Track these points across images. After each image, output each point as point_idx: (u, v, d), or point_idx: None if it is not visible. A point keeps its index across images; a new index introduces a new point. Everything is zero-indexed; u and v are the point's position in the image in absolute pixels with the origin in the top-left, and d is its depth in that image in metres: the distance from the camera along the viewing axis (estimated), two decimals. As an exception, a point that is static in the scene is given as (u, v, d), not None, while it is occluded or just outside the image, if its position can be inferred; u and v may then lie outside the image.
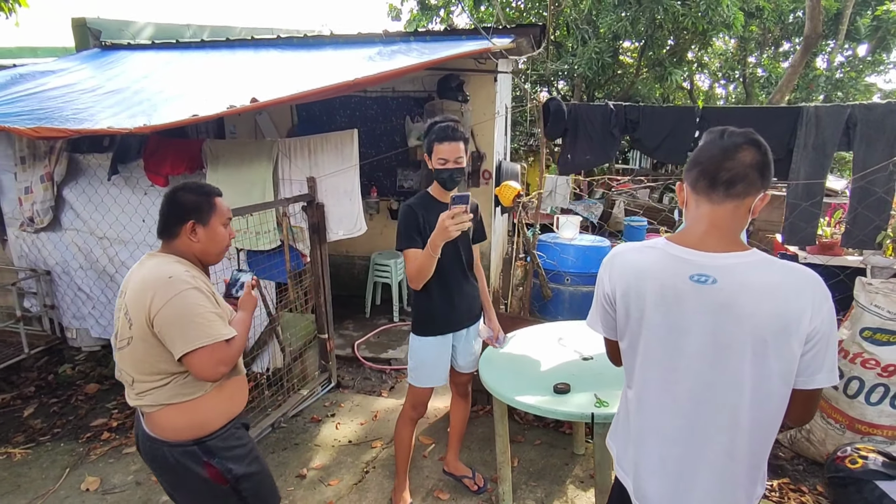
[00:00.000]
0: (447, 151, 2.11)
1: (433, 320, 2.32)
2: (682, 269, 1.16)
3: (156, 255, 1.64)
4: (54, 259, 4.24)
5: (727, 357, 1.12)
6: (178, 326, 1.49)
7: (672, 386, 1.19)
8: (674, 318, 1.17)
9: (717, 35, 10.53)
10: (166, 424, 1.59)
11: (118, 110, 3.57)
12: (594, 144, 3.04)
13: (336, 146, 3.58)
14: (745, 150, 1.14)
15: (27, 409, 3.69)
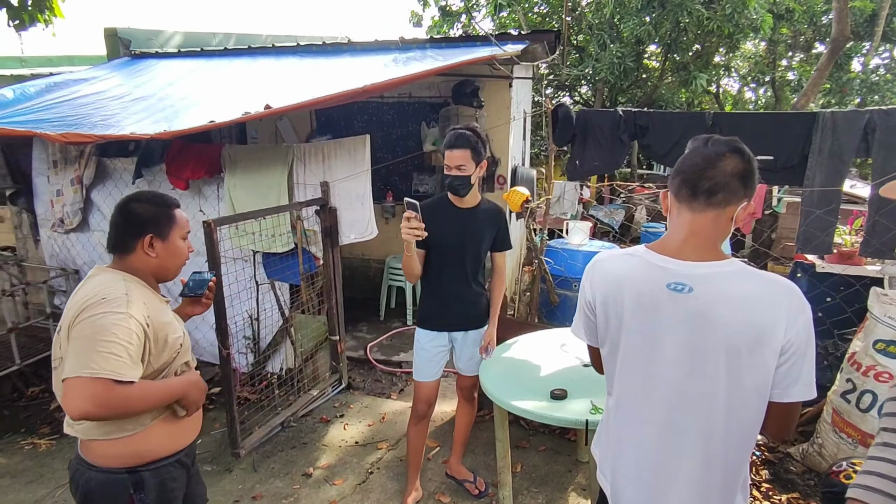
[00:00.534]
0: (450, 158, 2.20)
1: (429, 315, 2.44)
2: (660, 277, 1.17)
3: (104, 271, 1.50)
4: (82, 259, 4.42)
5: (702, 366, 1.12)
6: (78, 348, 1.30)
7: (648, 393, 1.19)
8: (650, 325, 1.17)
9: (745, 38, 10.31)
10: (99, 451, 1.45)
11: (143, 116, 3.72)
12: (603, 151, 3.03)
13: (349, 152, 3.65)
14: (728, 158, 1.14)
15: (53, 403, 3.85)
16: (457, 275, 2.36)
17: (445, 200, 2.35)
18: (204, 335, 3.95)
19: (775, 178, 3.09)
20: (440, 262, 2.31)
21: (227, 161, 3.79)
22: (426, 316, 2.45)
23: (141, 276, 1.51)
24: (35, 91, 4.17)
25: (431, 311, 2.43)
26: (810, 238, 2.83)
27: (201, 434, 3.31)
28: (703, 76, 9.90)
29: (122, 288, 1.41)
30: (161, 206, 1.56)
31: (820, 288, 3.01)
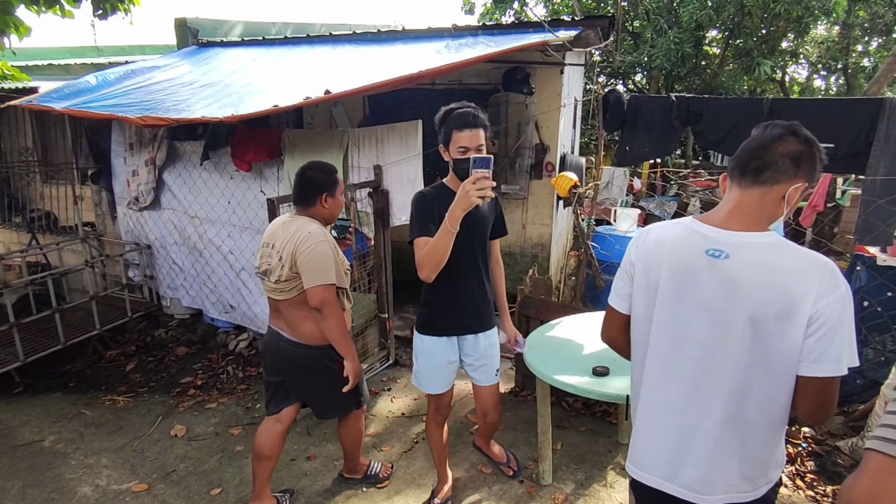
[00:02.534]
0: (468, 139, 1.96)
1: (436, 318, 2.16)
2: (700, 243, 1.22)
3: (297, 218, 2.22)
4: (154, 235, 4.78)
5: (731, 330, 1.16)
6: (310, 267, 2.08)
7: (677, 354, 1.24)
8: (686, 288, 1.22)
9: (815, 22, 9.73)
10: (311, 334, 2.21)
11: (210, 102, 3.97)
12: (653, 136, 3.01)
13: (401, 136, 3.78)
14: (783, 140, 1.18)
15: (129, 365, 4.22)
16: (470, 269, 2.13)
17: (447, 188, 2.08)
18: (262, 308, 4.21)
19: (837, 167, 2.99)
20: (453, 256, 1.91)
21: (287, 145, 4.00)
22: (434, 319, 2.16)
23: (319, 220, 2.23)
24: (115, 78, 4.52)
25: (440, 313, 2.15)
26: (870, 228, 2.74)
27: (261, 399, 3.57)
28: (767, 63, 9.44)
29: (318, 228, 2.17)
30: (329, 172, 2.28)
31: (879, 280, 2.91)
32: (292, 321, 2.22)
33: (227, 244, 4.37)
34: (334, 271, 2.12)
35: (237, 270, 4.37)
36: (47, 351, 3.90)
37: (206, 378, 3.93)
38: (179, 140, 4.44)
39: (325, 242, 2.12)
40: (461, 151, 1.96)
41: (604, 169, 3.37)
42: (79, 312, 4.45)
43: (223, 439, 3.12)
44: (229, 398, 3.62)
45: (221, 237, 4.38)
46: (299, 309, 2.19)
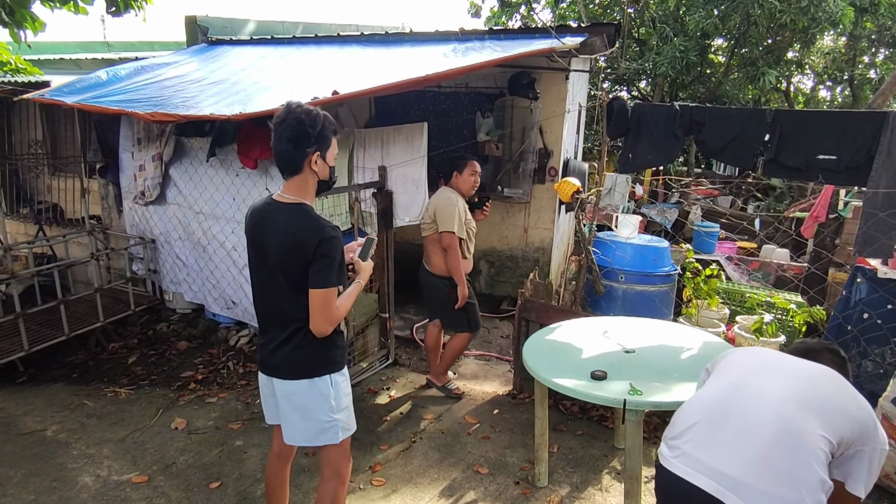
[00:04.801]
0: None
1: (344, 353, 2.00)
2: None
3: (446, 189, 3.35)
4: (159, 229, 4.82)
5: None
6: (445, 218, 3.15)
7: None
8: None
9: (822, 33, 9.73)
10: (436, 264, 3.28)
11: (218, 99, 4.01)
12: (656, 144, 3.04)
13: (407, 138, 3.82)
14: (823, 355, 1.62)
15: (131, 357, 4.26)
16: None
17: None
18: (264, 305, 4.24)
19: (838, 179, 3.02)
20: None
21: (293, 143, 4.04)
22: (343, 354, 1.96)
23: (455, 190, 3.34)
24: (125, 73, 4.57)
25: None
26: (871, 240, 2.76)
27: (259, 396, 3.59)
28: (772, 72, 9.45)
29: (454, 195, 3.30)
30: (461, 158, 3.36)
31: (879, 293, 2.93)
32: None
33: (231, 240, 4.40)
34: (457, 222, 3.18)
35: (240, 267, 4.40)
36: (52, 341, 3.94)
37: (206, 373, 3.96)
38: (187, 136, 4.48)
39: (460, 204, 3.24)
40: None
41: (606, 175, 3.39)
42: (83, 304, 4.49)
43: (223, 433, 3.15)
44: (229, 393, 3.65)
45: (225, 233, 4.42)
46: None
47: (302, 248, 1.75)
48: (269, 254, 1.83)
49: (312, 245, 1.73)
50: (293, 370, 1.84)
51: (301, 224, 1.78)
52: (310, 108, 1.85)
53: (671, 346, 2.42)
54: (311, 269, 1.75)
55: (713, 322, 3.30)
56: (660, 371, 2.15)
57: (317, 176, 1.86)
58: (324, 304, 1.75)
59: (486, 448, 3.00)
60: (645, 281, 3.20)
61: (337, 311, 1.79)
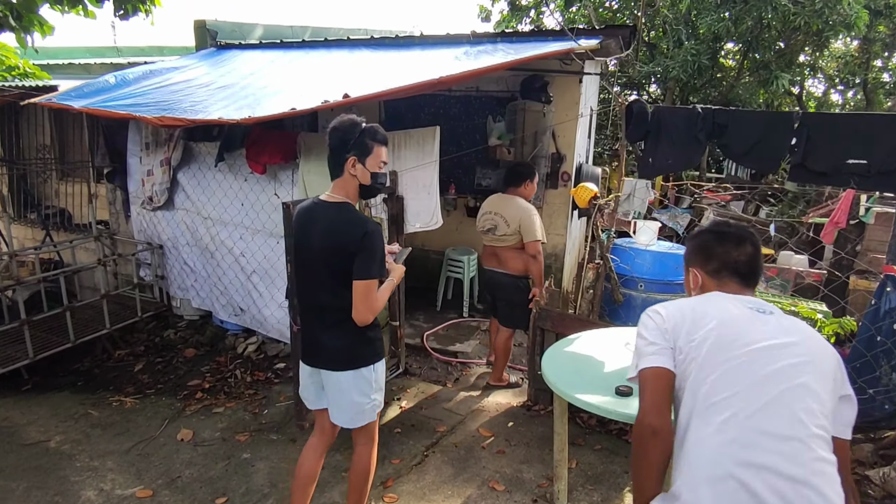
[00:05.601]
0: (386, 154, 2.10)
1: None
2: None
3: (514, 198, 3.36)
4: (166, 235, 4.76)
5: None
6: (531, 229, 3.25)
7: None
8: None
9: (836, 36, 9.60)
10: (514, 267, 3.38)
11: (227, 103, 3.95)
12: (677, 148, 2.94)
13: (418, 142, 3.73)
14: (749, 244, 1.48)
15: (137, 365, 4.19)
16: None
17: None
18: (272, 312, 4.16)
19: (868, 184, 2.90)
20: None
21: (302, 148, 3.97)
22: (382, 344, 2.20)
23: (521, 196, 3.49)
24: (133, 77, 4.52)
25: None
26: (905, 249, 2.64)
27: (269, 405, 3.51)
28: (785, 76, 9.32)
29: (529, 205, 3.38)
30: (526, 167, 3.64)
31: (912, 303, 2.80)
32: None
33: (240, 246, 4.33)
34: (539, 230, 3.33)
35: (248, 273, 4.34)
36: (57, 349, 3.88)
37: (213, 381, 3.89)
38: (195, 141, 4.43)
39: (535, 211, 3.40)
40: (380, 166, 2.08)
41: (625, 180, 3.30)
42: (89, 311, 4.43)
43: (230, 445, 3.07)
44: (237, 403, 3.57)
45: (234, 239, 4.35)
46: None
47: (346, 242, 1.91)
48: (313, 249, 1.99)
49: (356, 239, 1.90)
50: (342, 362, 2.04)
51: (345, 220, 1.95)
52: (354, 118, 2.02)
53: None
54: (356, 262, 1.90)
55: (736, 332, 3.18)
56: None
57: (357, 180, 2.01)
58: (366, 293, 1.92)
59: (501, 463, 2.89)
60: (665, 289, 3.09)
61: (377, 301, 1.97)
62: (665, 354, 1.30)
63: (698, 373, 1.26)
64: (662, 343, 1.31)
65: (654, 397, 1.28)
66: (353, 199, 2.05)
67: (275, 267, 4.14)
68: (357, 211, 2.01)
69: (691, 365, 1.27)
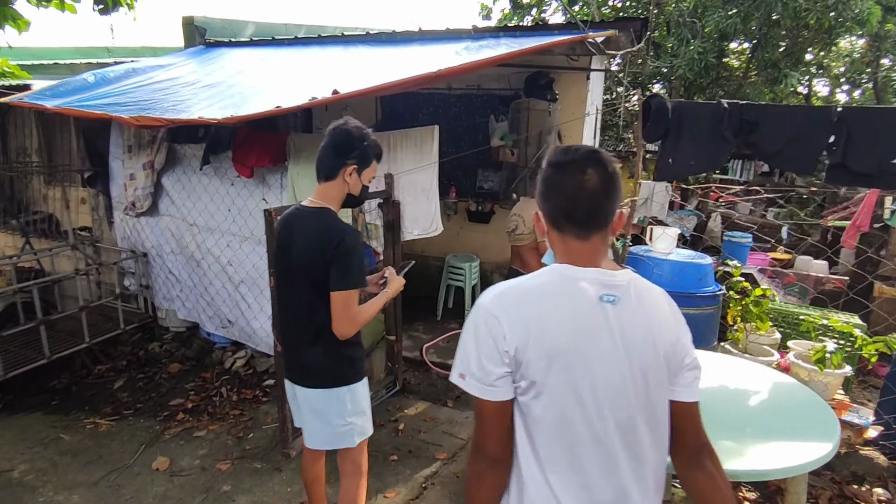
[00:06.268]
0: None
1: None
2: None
3: (533, 199, 3.17)
4: (151, 242, 4.50)
5: None
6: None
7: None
8: None
9: (846, 33, 9.34)
10: (534, 268, 2.82)
11: (211, 103, 3.70)
12: (700, 148, 2.67)
13: (416, 143, 3.48)
14: (591, 174, 1.08)
15: (118, 381, 3.92)
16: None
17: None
18: (262, 325, 3.90)
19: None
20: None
21: (292, 150, 3.71)
22: (363, 364, 2.06)
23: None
24: (114, 76, 4.27)
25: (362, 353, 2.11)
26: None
27: (254, 427, 3.24)
28: (794, 75, 9.05)
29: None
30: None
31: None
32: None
33: (227, 255, 4.08)
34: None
35: (236, 283, 4.08)
36: (30, 366, 3.61)
37: (197, 400, 3.62)
38: (179, 143, 4.17)
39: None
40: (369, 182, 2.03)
41: (642, 183, 3.04)
42: (71, 322, 4.17)
43: (209, 476, 2.80)
44: (220, 425, 3.30)
45: (220, 247, 4.10)
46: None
47: (321, 250, 1.80)
48: (291, 258, 1.89)
49: (331, 247, 1.78)
50: (316, 379, 1.93)
51: (322, 227, 1.84)
52: (363, 127, 1.94)
53: (732, 388, 2.04)
54: (331, 271, 1.79)
55: (763, 349, 2.91)
56: (727, 424, 1.76)
57: (347, 187, 1.92)
58: (345, 305, 1.80)
59: (507, 495, 2.62)
60: (687, 303, 2.82)
61: (359, 314, 1.85)
62: (506, 385, 1.05)
63: (538, 407, 1.05)
64: (501, 372, 1.04)
65: (495, 428, 1.07)
66: (337, 206, 1.94)
67: (264, 277, 3.87)
68: (337, 218, 1.90)
69: (531, 392, 1.04)
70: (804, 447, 1.64)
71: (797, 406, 1.91)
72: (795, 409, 1.89)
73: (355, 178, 1.92)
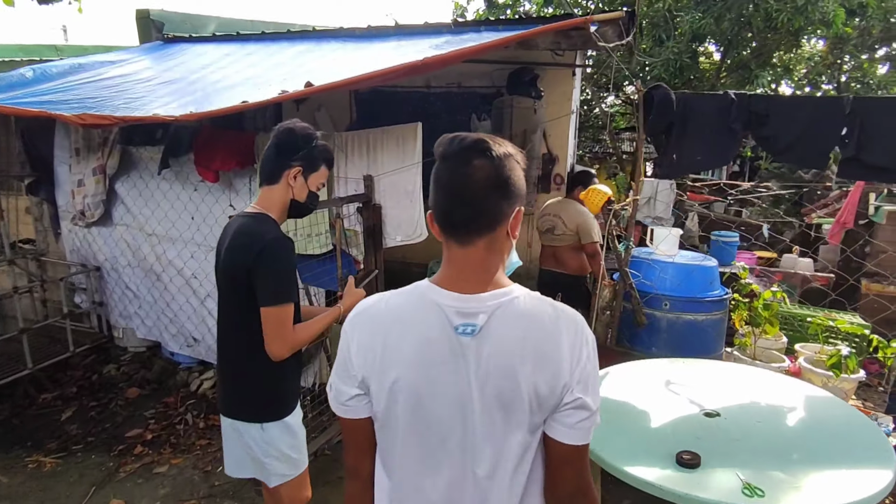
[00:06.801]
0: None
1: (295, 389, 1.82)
2: None
3: (571, 202, 3.13)
4: (104, 255, 4.10)
5: None
6: (589, 230, 3.26)
7: None
8: None
9: (812, 34, 9.52)
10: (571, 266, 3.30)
11: (170, 100, 3.37)
12: (707, 143, 2.49)
13: (397, 141, 3.21)
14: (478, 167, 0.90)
15: (66, 412, 3.52)
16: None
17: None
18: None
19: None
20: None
21: (261, 151, 3.38)
22: (295, 396, 1.79)
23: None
24: (57, 72, 3.87)
25: (295, 385, 1.82)
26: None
27: (222, 461, 2.90)
28: (765, 75, 9.16)
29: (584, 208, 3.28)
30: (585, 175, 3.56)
31: None
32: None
33: (191, 266, 3.72)
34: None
35: (202, 297, 3.73)
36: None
37: (158, 430, 3.26)
38: (135, 145, 3.80)
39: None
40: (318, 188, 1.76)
41: (644, 181, 2.85)
42: (12, 345, 3.73)
43: (172, 520, 2.46)
44: (184, 458, 2.95)
45: (183, 258, 3.74)
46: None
47: (241, 259, 1.57)
48: (218, 269, 1.70)
49: (252, 255, 1.55)
50: (239, 410, 1.69)
51: (246, 232, 1.61)
52: (310, 127, 1.72)
53: (764, 405, 1.84)
54: (256, 284, 1.57)
55: (772, 354, 2.75)
56: (773, 450, 1.56)
57: (291, 192, 1.68)
58: (277, 323, 1.56)
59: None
60: (695, 308, 2.64)
61: (296, 333, 1.62)
62: (359, 405, 0.98)
63: (382, 439, 1.01)
64: (353, 392, 0.97)
65: (350, 441, 1.04)
66: (278, 212, 1.69)
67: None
68: (269, 224, 1.64)
69: (377, 422, 1.00)
70: (861, 476, 1.45)
71: (841, 425, 1.73)
72: (839, 428, 1.71)
73: (301, 182, 1.67)
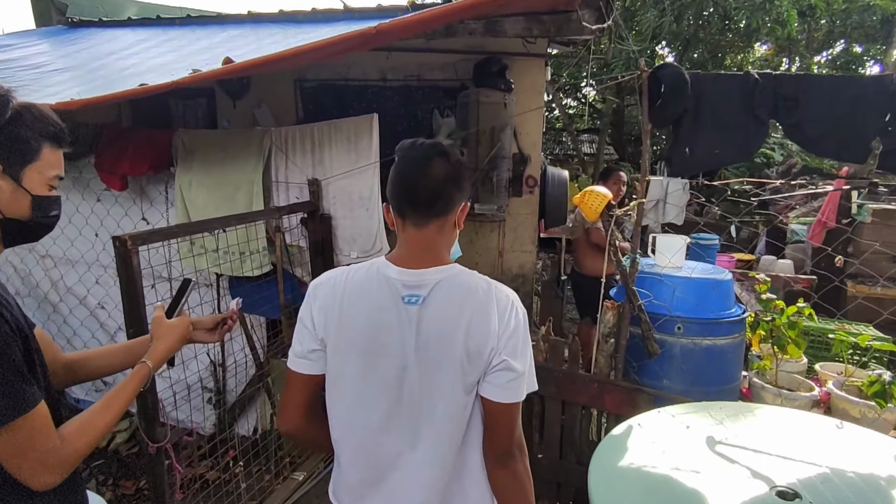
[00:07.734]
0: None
1: None
2: None
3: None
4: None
5: None
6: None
7: None
8: None
9: (767, 36, 9.59)
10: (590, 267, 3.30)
11: (61, 88, 2.72)
12: (727, 132, 2.08)
13: (349, 138, 2.67)
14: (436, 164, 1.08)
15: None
16: None
17: None
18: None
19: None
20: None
21: (181, 151, 2.77)
22: None
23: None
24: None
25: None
26: None
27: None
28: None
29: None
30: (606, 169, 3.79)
31: None
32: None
33: (96, 294, 3.06)
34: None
35: (112, 331, 3.07)
36: None
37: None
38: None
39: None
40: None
41: (650, 181, 2.42)
42: None
43: None
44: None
45: (87, 284, 3.07)
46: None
47: None
48: None
49: None
50: None
51: None
52: (33, 106, 1.02)
53: (851, 474, 1.39)
54: None
55: (795, 379, 2.37)
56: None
57: None
58: (17, 451, 0.87)
59: None
60: (713, 331, 2.21)
61: (69, 440, 0.93)
62: (318, 360, 1.11)
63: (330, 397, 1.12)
64: (314, 346, 1.10)
65: (296, 400, 1.14)
66: None
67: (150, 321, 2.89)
68: None
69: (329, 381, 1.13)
70: None
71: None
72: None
73: (6, 185, 0.96)
